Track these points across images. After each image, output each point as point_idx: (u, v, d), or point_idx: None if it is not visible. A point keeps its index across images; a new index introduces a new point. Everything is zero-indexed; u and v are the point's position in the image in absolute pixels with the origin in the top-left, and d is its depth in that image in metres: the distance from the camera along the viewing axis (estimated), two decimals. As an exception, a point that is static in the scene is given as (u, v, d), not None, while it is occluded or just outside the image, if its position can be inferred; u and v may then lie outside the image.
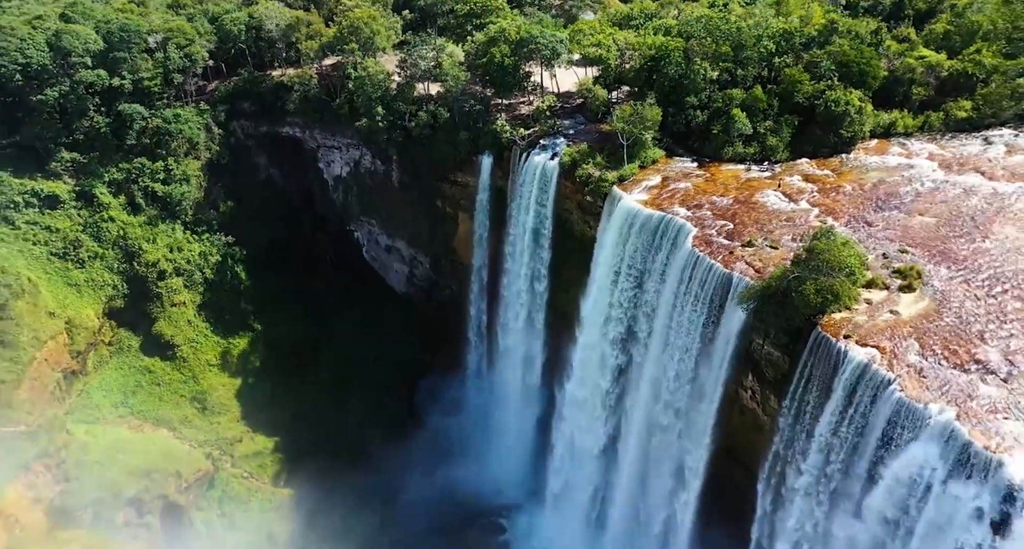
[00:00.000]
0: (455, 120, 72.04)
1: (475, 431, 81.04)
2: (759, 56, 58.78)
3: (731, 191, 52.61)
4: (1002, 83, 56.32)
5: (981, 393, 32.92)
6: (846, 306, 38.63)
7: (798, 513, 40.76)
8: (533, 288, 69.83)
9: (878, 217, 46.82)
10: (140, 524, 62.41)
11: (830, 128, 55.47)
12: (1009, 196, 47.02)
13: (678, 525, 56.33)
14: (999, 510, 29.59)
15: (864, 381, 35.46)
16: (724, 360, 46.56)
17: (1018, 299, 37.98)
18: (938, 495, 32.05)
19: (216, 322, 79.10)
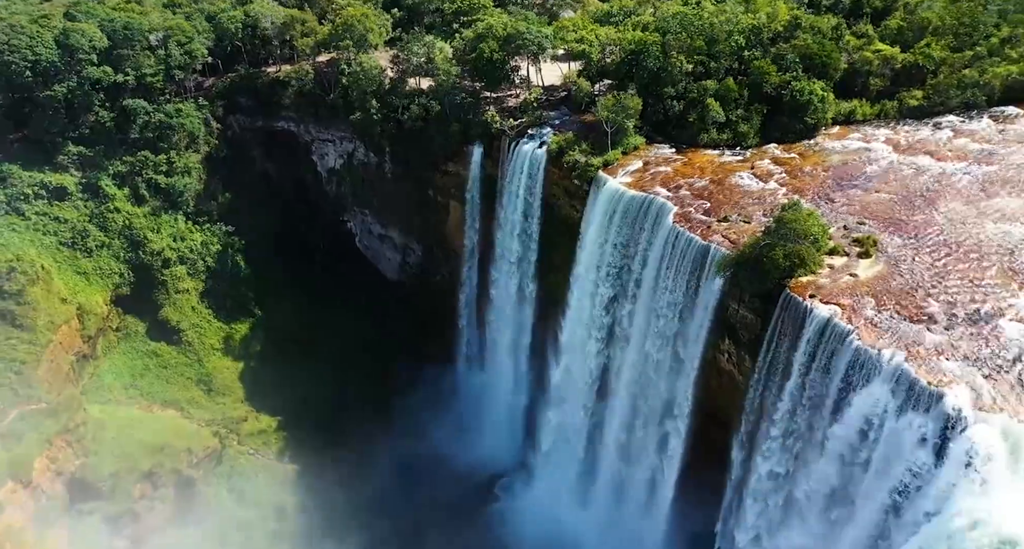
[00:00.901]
0: (446, 112, 75.70)
1: (468, 408, 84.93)
2: (730, 50, 63.21)
3: (707, 174, 57.08)
4: (949, 74, 61.51)
5: (926, 340, 37.59)
6: (811, 270, 43.19)
7: (771, 458, 45.28)
8: (523, 270, 73.79)
9: (839, 194, 51.55)
10: (155, 496, 65.41)
11: (796, 116, 60.17)
12: (954, 175, 51.97)
13: (662, 485, 60.79)
14: (940, 436, 34.18)
15: (827, 333, 40.03)
16: (703, 326, 50.95)
17: (959, 262, 42.81)
18: (890, 428, 36.61)
19: (218, 308, 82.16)
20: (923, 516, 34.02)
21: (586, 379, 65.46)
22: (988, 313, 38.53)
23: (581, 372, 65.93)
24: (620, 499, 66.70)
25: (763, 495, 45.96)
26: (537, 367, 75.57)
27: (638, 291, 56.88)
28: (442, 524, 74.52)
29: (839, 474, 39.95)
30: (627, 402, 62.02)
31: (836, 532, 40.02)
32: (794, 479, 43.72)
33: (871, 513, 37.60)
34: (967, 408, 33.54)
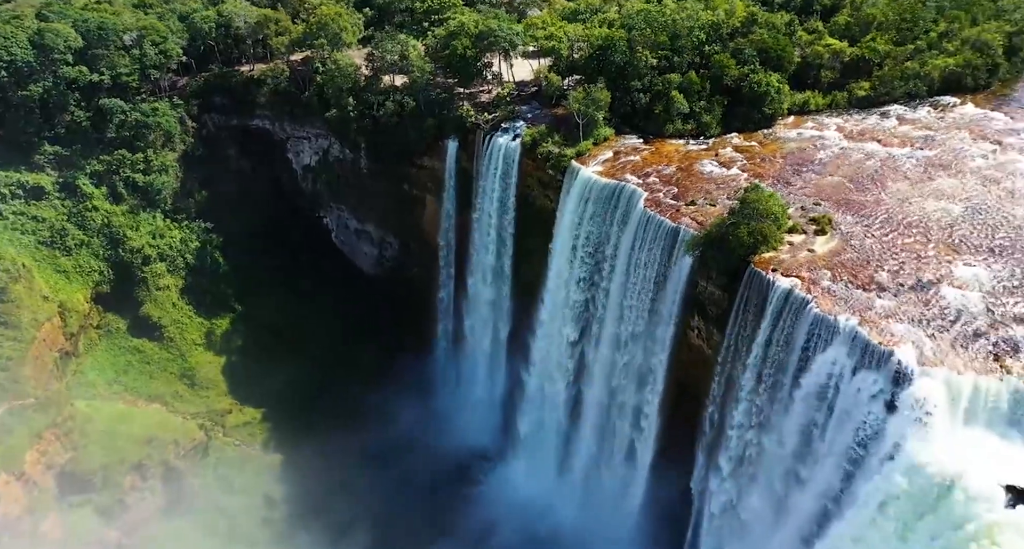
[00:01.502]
0: (421, 108, 77.96)
1: (447, 395, 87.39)
2: (692, 45, 66.59)
3: (674, 162, 60.41)
4: (893, 66, 65.92)
5: (876, 305, 41.25)
6: (772, 247, 46.64)
7: (740, 422, 48.65)
8: (500, 258, 76.32)
9: (796, 178, 55.25)
10: (145, 488, 66.57)
11: (754, 106, 63.87)
12: (899, 159, 56.12)
13: (639, 457, 63.97)
14: (890, 390, 37.76)
15: (788, 303, 43.46)
16: (674, 303, 54.21)
17: (904, 237, 46.73)
18: (847, 386, 40.16)
19: (199, 304, 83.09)
20: (878, 462, 37.56)
21: (564, 359, 68.28)
22: (930, 281, 42.39)
23: (559, 352, 68.75)
24: (598, 473, 69.68)
25: (734, 458, 49.29)
26: (515, 352, 78.19)
27: (612, 273, 59.91)
28: (425, 505, 76.76)
29: (804, 431, 43.39)
30: (603, 380, 65.03)
31: (802, 486, 43.47)
32: (763, 440, 47.08)
33: (833, 465, 41.10)
34: (913, 364, 37.14)
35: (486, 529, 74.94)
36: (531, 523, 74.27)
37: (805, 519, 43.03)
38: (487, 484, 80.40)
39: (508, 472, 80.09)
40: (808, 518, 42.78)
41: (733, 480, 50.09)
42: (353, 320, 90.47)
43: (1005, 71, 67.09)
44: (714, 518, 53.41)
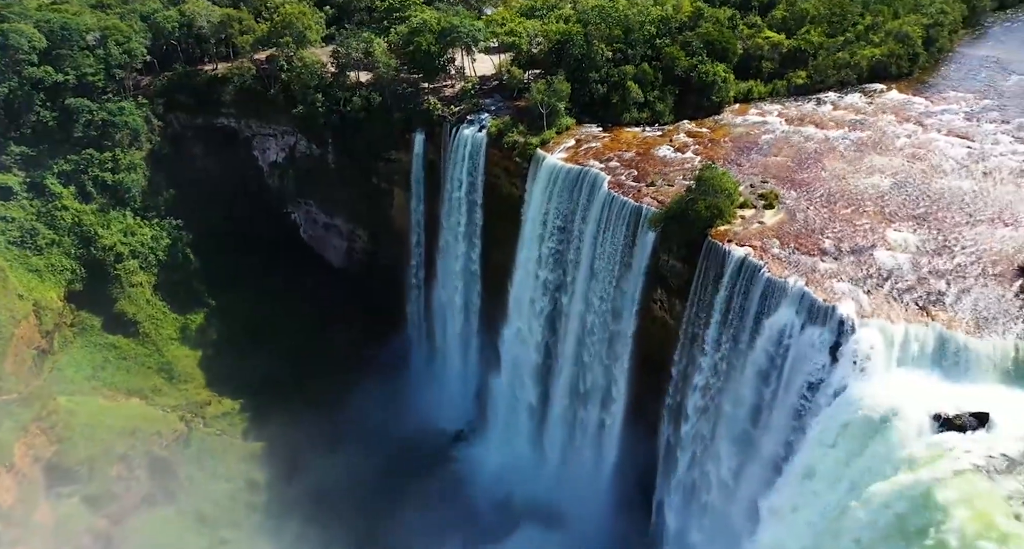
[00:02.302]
0: (387, 103, 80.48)
1: (422, 379, 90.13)
2: (644, 38, 70.79)
3: (633, 147, 64.52)
4: (826, 57, 71.35)
5: (820, 268, 45.91)
6: (727, 221, 50.96)
7: (702, 382, 53.00)
8: (469, 246, 79.35)
9: (745, 160, 59.89)
10: (131, 478, 67.61)
11: (703, 95, 68.49)
12: (835, 140, 61.24)
13: (609, 425, 67.87)
14: (834, 340, 42.39)
15: (743, 270, 47.82)
16: (639, 278, 58.23)
17: (842, 208, 51.61)
18: (797, 340, 44.69)
19: (172, 300, 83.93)
20: (826, 404, 42.14)
21: (535, 337, 71.82)
22: (865, 245, 47.32)
23: (530, 330, 72.24)
24: (571, 446, 73.44)
25: (697, 415, 53.58)
26: (487, 334, 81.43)
27: (579, 252, 63.68)
28: (402, 483, 79.04)
29: (761, 383, 47.81)
30: (573, 356, 68.75)
31: (761, 433, 47.93)
32: (724, 396, 51.42)
33: (787, 411, 45.62)
34: (854, 317, 41.74)
35: (462, 503, 77.89)
36: (507, 496, 77.68)
37: (765, 464, 47.46)
38: (462, 461, 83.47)
39: (483, 449, 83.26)
40: (768, 463, 47.23)
41: (698, 437, 54.37)
42: (325, 311, 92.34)
43: (924, 60, 73.38)
44: (680, 477, 57.75)
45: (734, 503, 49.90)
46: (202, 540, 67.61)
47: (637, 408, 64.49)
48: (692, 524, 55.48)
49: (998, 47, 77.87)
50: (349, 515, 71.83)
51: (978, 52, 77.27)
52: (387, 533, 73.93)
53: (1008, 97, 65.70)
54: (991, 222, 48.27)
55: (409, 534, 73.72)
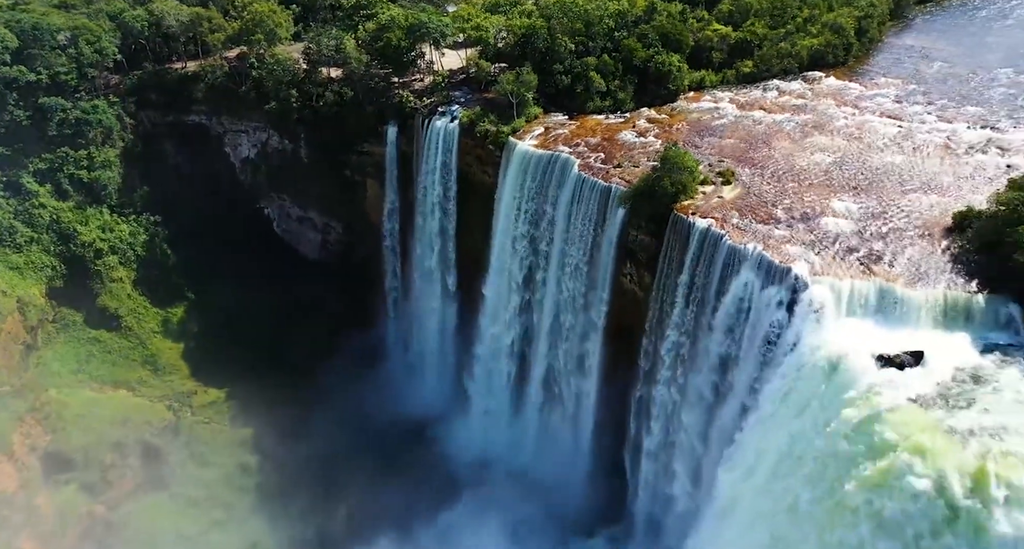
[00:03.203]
0: (359, 97, 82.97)
1: (401, 364, 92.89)
2: (603, 31, 74.80)
3: (598, 134, 68.60)
4: (770, 47, 76.44)
5: (775, 235, 50.70)
6: (690, 196, 55.39)
7: (672, 344, 57.45)
8: (444, 231, 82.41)
9: (701, 142, 64.50)
10: (124, 465, 69.03)
11: (661, 84, 72.91)
12: (782, 123, 66.27)
13: (585, 397, 71.90)
14: (789, 297, 47.16)
15: (707, 239, 52.25)
16: (610, 253, 62.32)
17: (791, 182, 56.50)
18: (756, 301, 49.38)
19: (152, 295, 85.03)
20: (783, 355, 46.90)
21: (511, 316, 75.39)
22: (813, 214, 52.28)
23: (505, 310, 75.73)
24: (549, 419, 77.12)
25: (669, 373, 58.01)
26: (463, 317, 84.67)
27: (553, 233, 67.46)
28: (386, 463, 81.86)
29: (726, 343, 52.44)
30: (548, 332, 72.46)
31: (727, 388, 52.55)
32: (693, 357, 55.98)
33: (750, 366, 50.29)
34: (806, 275, 46.49)
35: (445, 479, 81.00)
36: (488, 470, 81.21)
37: (733, 412, 52.12)
38: (443, 441, 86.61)
39: (462, 428, 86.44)
40: (735, 411, 51.89)
41: (669, 393, 58.83)
42: (302, 302, 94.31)
43: (857, 49, 79.31)
44: (653, 433, 62.20)
45: (705, 449, 54.44)
46: (197, 523, 69.43)
47: (611, 378, 68.56)
48: (665, 474, 60.02)
49: (921, 37, 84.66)
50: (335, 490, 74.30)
51: (903, 42, 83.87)
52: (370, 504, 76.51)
53: (931, 82, 71.99)
54: (920, 191, 53.84)
55: (390, 506, 76.33)
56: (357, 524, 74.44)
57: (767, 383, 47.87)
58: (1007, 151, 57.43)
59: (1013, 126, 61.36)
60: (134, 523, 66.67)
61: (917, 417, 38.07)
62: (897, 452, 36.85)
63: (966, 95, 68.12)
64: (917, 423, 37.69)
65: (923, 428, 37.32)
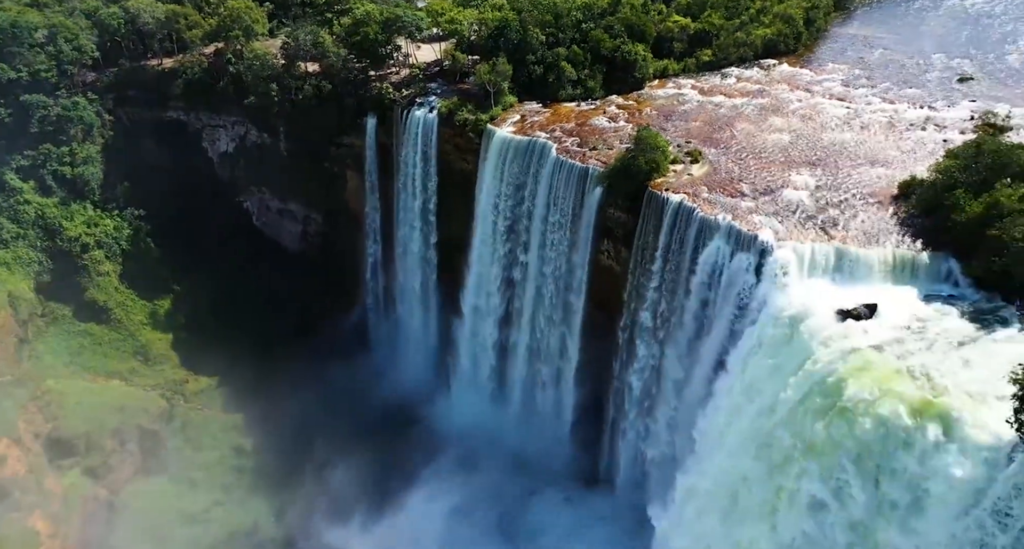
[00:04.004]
0: (338, 90, 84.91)
1: (385, 348, 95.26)
2: (572, 23, 77.91)
3: (572, 120, 72.01)
4: (727, 37, 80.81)
5: (742, 206, 54.96)
6: (662, 174, 59.25)
7: (650, 310, 61.42)
8: (425, 218, 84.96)
9: (669, 125, 68.44)
10: (124, 450, 70.22)
11: (628, 72, 76.51)
12: (742, 106, 70.73)
13: (566, 370, 75.44)
14: (757, 262, 51.44)
15: (680, 212, 56.21)
16: (588, 231, 65.79)
17: (754, 160, 60.88)
18: (727, 267, 53.54)
19: (139, 288, 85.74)
20: (754, 314, 51.16)
21: (493, 296, 78.50)
22: (775, 187, 56.74)
23: (488, 290, 78.70)
24: (531, 395, 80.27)
25: (648, 335, 61.93)
26: (445, 300, 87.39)
27: (533, 215, 70.62)
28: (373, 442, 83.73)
29: (700, 308, 56.59)
30: (530, 310, 75.51)
31: (702, 347, 56.71)
32: (670, 324, 59.97)
33: (723, 327, 54.50)
34: (772, 241, 50.82)
35: (431, 455, 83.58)
36: (473, 446, 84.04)
37: (708, 371, 56.23)
38: (429, 419, 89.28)
39: (447, 407, 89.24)
40: (710, 369, 56.03)
41: (649, 359, 62.84)
42: (286, 292, 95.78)
43: (806, 38, 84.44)
44: (634, 397, 66.13)
45: (684, 403, 58.57)
46: (198, 503, 71.04)
47: (592, 350, 72.01)
48: (645, 430, 64.10)
49: (863, 27, 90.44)
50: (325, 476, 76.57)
51: (847, 31, 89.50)
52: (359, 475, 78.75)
53: (874, 67, 77.48)
54: (868, 164, 58.79)
55: (377, 475, 78.78)
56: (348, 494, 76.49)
57: (740, 339, 52.14)
58: (943, 128, 62.90)
59: (947, 106, 67.04)
60: (137, 505, 68.01)
61: (874, 359, 42.50)
62: (857, 391, 41.22)
63: (905, 79, 73.73)
64: (874, 364, 42.14)
65: (879, 369, 41.78)
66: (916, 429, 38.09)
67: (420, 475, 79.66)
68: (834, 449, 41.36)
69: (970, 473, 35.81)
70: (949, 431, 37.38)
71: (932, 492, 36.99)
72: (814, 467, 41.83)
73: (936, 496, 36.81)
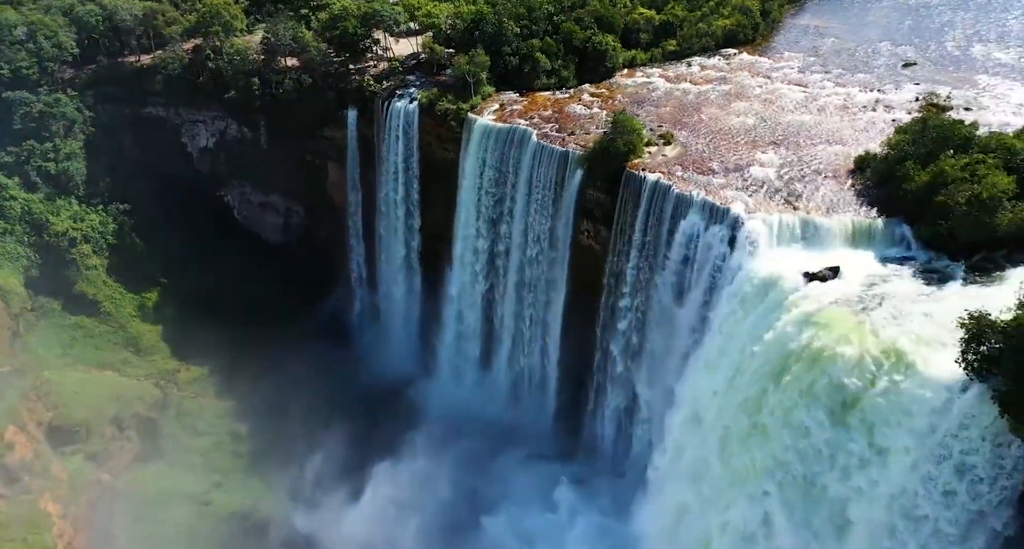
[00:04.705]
0: (318, 84, 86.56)
1: (370, 334, 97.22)
2: (544, 15, 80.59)
3: (549, 108, 75.12)
4: (690, 27, 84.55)
5: (714, 183, 58.79)
6: (639, 155, 62.74)
7: (630, 283, 64.97)
8: (408, 206, 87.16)
9: (641, 111, 71.86)
10: (123, 437, 71.18)
11: (599, 62, 79.76)
12: (707, 92, 74.58)
13: (550, 350, 78.54)
14: (730, 233, 55.31)
15: (656, 190, 59.85)
16: (569, 212, 69.09)
17: (722, 140, 64.80)
18: (702, 239, 57.26)
19: (127, 281, 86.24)
20: (729, 280, 55.02)
21: (478, 277, 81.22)
22: (743, 164, 60.74)
23: (472, 273, 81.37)
24: (518, 367, 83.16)
25: (629, 307, 65.52)
26: (429, 284, 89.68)
27: (515, 199, 73.50)
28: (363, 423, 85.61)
29: (678, 278, 60.30)
30: (514, 290, 78.02)
31: (681, 311, 60.44)
32: (649, 296, 63.56)
33: (700, 293, 58.33)
34: (743, 213, 54.76)
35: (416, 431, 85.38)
36: (459, 421, 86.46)
37: (686, 338, 60.03)
38: (415, 397, 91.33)
39: (434, 386, 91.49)
40: (688, 336, 59.83)
41: (629, 326, 66.33)
42: (271, 283, 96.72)
43: (763, 28, 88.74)
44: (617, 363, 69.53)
45: (664, 366, 62.23)
46: (198, 485, 72.43)
47: (575, 328, 74.62)
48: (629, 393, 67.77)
49: (815, 17, 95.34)
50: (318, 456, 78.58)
51: (800, 22, 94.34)
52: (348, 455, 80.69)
53: (827, 55, 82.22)
54: (826, 142, 63.19)
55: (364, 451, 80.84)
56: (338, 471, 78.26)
57: (716, 304, 56.06)
58: (892, 108, 67.74)
59: (894, 89, 71.99)
60: (140, 488, 69.08)
61: (839, 314, 46.55)
62: (825, 341, 45.28)
63: (856, 65, 78.66)
64: (839, 319, 46.18)
65: (844, 322, 45.87)
66: (877, 372, 42.22)
67: (404, 448, 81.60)
68: (805, 395, 45.37)
69: (928, 407, 39.99)
70: (906, 372, 41.53)
71: (893, 426, 41.12)
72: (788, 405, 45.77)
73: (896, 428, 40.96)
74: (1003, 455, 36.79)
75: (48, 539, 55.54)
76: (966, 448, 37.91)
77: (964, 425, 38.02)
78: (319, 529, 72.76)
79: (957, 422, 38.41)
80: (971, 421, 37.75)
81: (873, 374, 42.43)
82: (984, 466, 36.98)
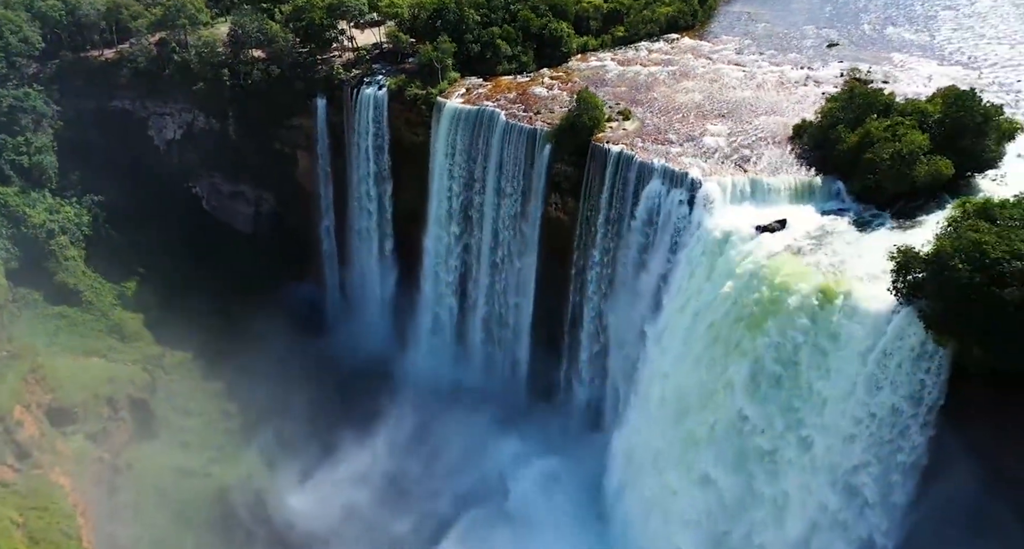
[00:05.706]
0: (286, 74, 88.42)
1: (344, 316, 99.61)
2: (502, 4, 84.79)
3: (513, 91, 79.24)
4: (635, 14, 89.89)
5: (672, 152, 64.23)
6: (602, 129, 67.62)
7: (598, 249, 70.04)
8: (380, 192, 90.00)
9: (598, 91, 75.89)
10: (118, 418, 72.28)
11: (555, 48, 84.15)
12: (657, 73, 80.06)
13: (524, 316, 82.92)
14: (688, 196, 60.90)
15: (621, 160, 64.99)
16: (540, 187, 73.60)
17: (675, 115, 70.33)
18: (664, 202, 62.70)
19: (105, 271, 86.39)
20: (689, 239, 60.59)
21: (451, 256, 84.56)
22: (696, 135, 66.41)
23: (446, 251, 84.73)
24: (492, 341, 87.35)
25: (597, 274, 70.60)
26: (403, 265, 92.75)
27: (486, 177, 77.39)
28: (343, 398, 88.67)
29: (643, 240, 65.60)
30: (487, 266, 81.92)
31: (646, 273, 65.86)
32: (617, 257, 68.77)
33: (662, 253, 63.80)
34: (700, 177, 60.30)
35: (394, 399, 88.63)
36: (435, 390, 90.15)
37: (652, 294, 65.50)
38: (393, 374, 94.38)
39: (410, 361, 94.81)
40: (653, 292, 65.29)
41: (597, 292, 71.46)
42: (245, 271, 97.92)
43: (701, 15, 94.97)
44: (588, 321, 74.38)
45: (631, 323, 67.53)
46: (197, 460, 74.28)
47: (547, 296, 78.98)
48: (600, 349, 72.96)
49: (746, 5, 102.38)
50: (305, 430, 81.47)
51: (734, 9, 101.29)
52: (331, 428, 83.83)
53: (760, 38, 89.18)
54: (767, 114, 69.50)
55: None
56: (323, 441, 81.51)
57: (679, 262, 61.62)
58: (821, 83, 74.67)
59: (822, 66, 79.15)
60: (138, 465, 70.33)
61: (788, 260, 52.69)
62: (777, 281, 51.31)
63: (786, 46, 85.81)
64: (788, 263, 52.32)
65: (792, 266, 52.02)
66: (825, 303, 48.44)
67: (385, 417, 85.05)
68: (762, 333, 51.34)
69: (867, 331, 46.33)
70: (848, 302, 47.84)
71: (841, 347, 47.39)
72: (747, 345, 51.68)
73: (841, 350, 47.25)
74: (928, 362, 43.37)
75: (67, 507, 56.93)
76: (900, 358, 44.35)
77: (898, 338, 44.43)
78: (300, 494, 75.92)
79: (893, 337, 44.81)
80: (904, 335, 44.17)
81: (822, 305, 48.55)
82: (912, 371, 43.54)
